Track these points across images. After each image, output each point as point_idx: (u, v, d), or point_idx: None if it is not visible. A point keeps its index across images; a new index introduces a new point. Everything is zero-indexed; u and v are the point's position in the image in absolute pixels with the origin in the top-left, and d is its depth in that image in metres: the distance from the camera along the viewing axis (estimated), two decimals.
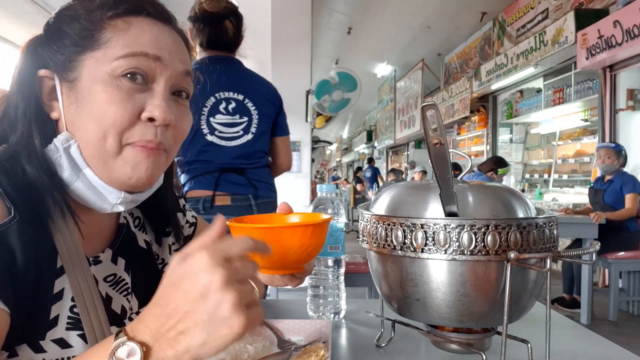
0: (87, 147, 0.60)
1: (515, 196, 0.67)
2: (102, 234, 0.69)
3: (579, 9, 5.27)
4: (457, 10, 7.62)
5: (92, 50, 0.60)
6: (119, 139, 0.59)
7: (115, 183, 0.62)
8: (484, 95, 8.16)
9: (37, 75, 0.61)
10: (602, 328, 3.68)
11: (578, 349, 0.80)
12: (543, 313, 0.65)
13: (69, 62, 0.60)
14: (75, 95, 0.60)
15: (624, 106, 4.98)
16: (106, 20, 0.60)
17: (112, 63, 0.59)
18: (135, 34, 0.60)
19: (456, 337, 0.70)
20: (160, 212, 0.77)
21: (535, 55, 5.94)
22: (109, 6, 0.61)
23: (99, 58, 0.59)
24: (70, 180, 0.61)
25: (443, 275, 0.62)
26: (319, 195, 0.94)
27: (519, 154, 7.82)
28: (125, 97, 0.59)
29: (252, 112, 1.79)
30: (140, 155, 0.60)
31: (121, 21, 0.61)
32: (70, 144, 0.60)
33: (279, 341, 0.76)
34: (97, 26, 0.60)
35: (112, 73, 0.59)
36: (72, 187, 0.61)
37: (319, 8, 6.91)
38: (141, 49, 0.60)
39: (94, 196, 0.62)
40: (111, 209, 0.64)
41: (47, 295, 0.57)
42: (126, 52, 0.59)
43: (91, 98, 0.59)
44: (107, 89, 0.59)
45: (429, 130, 0.58)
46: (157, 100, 0.60)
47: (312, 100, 4.60)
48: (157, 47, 0.61)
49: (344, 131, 22.50)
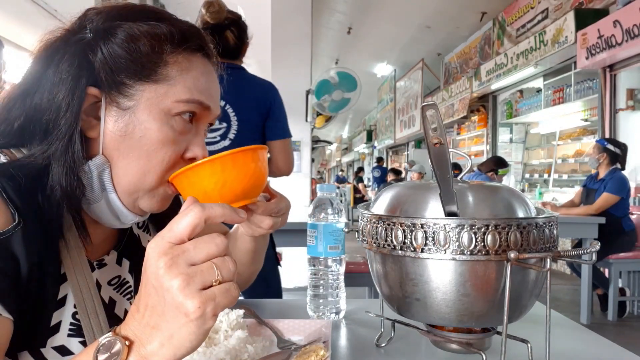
0: (124, 175, 0.59)
1: (515, 196, 0.67)
2: (105, 238, 0.69)
3: (579, 9, 5.27)
4: (457, 10, 7.62)
5: (155, 83, 0.58)
6: (161, 177, 0.60)
7: (135, 209, 0.62)
8: (484, 95, 8.17)
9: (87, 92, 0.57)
10: (602, 328, 3.68)
11: (578, 349, 0.80)
12: (543, 313, 0.65)
13: (125, 88, 0.58)
14: (124, 124, 0.58)
15: (624, 106, 4.98)
16: (171, 55, 0.60)
17: (171, 103, 0.59)
18: (195, 75, 0.61)
19: (456, 337, 0.70)
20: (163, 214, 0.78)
21: (535, 55, 5.94)
22: (176, 41, 0.60)
23: (161, 94, 0.58)
24: (93, 200, 0.60)
25: (443, 275, 0.62)
26: (319, 195, 0.94)
27: (519, 154, 7.82)
28: (177, 138, 0.60)
29: (231, 118, 1.80)
30: (170, 192, 0.63)
31: (184, 58, 0.61)
32: (104, 169, 0.59)
33: (279, 341, 0.77)
34: (162, 59, 0.59)
35: (169, 112, 0.59)
36: (92, 206, 0.61)
37: (319, 8, 6.91)
38: (199, 98, 0.60)
39: (110, 216, 0.62)
40: (120, 226, 0.65)
41: (50, 302, 0.57)
42: (187, 97, 0.59)
43: (146, 133, 0.58)
44: (162, 127, 0.58)
45: (429, 130, 0.58)
46: (199, 142, 0.63)
47: (312, 100, 4.60)
48: (210, 95, 0.63)
49: (344, 131, 22.51)
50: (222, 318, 0.74)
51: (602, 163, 3.91)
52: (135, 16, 0.60)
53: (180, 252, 0.43)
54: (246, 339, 0.71)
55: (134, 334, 0.45)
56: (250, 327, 0.78)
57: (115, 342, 0.44)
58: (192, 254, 0.44)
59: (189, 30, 0.62)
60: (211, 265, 0.44)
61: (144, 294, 0.45)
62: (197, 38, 0.63)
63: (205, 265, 0.44)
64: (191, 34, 0.62)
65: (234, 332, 0.72)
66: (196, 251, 0.44)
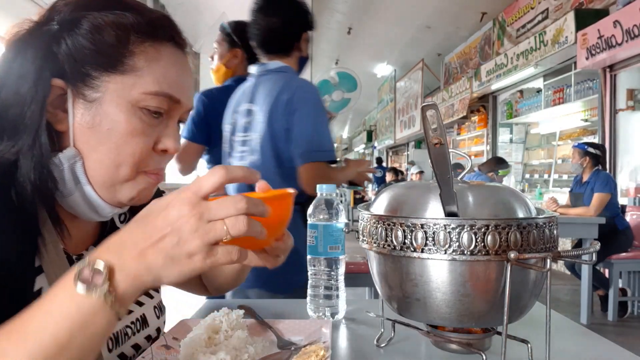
0: (97, 168, 0.59)
1: (515, 196, 0.67)
2: (86, 233, 0.69)
3: (579, 9, 5.27)
4: (457, 10, 7.61)
5: (121, 74, 0.58)
6: (134, 169, 0.60)
7: (113, 201, 0.62)
8: (484, 95, 8.16)
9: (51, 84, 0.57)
10: (602, 328, 3.68)
11: (578, 349, 0.80)
12: (543, 313, 0.65)
13: (90, 79, 0.57)
14: (91, 116, 0.58)
15: (624, 106, 4.98)
16: (138, 45, 0.59)
17: (139, 95, 0.58)
18: (165, 66, 0.60)
19: (456, 337, 0.70)
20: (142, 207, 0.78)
21: (535, 55, 5.94)
22: (143, 31, 0.59)
23: (127, 85, 0.58)
24: (67, 193, 0.60)
25: (443, 275, 0.62)
26: (319, 195, 0.94)
27: (519, 154, 7.82)
28: (146, 130, 0.60)
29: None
30: (149, 181, 0.63)
31: (152, 48, 0.60)
32: (76, 161, 0.59)
33: (279, 341, 0.76)
34: (128, 49, 0.58)
35: (136, 104, 0.58)
36: (66, 199, 0.61)
37: (319, 8, 6.91)
38: (168, 91, 0.60)
39: (87, 209, 0.62)
40: (99, 218, 0.65)
41: (26, 294, 0.56)
42: (156, 89, 0.59)
43: (113, 125, 0.58)
44: (130, 119, 0.58)
45: (429, 130, 0.58)
46: (171, 134, 0.63)
47: None
48: (180, 88, 0.62)
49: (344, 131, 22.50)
50: (222, 318, 0.74)
51: (586, 167, 4.00)
52: (101, 6, 0.59)
53: (206, 209, 0.48)
54: (246, 339, 0.71)
55: (116, 255, 0.48)
56: (250, 327, 0.78)
57: (99, 266, 0.46)
58: (213, 213, 0.48)
59: (157, 19, 0.61)
60: (223, 225, 0.48)
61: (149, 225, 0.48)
62: (166, 28, 0.62)
63: (218, 223, 0.48)
64: (160, 23, 0.61)
65: (234, 332, 0.72)
66: (217, 210, 0.48)
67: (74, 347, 0.46)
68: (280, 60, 1.59)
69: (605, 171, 4.03)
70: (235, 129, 1.64)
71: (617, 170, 5.08)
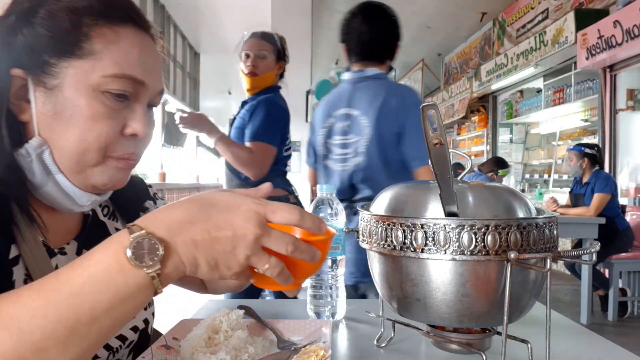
0: (64, 156, 0.58)
1: (515, 196, 0.67)
2: (67, 226, 0.68)
3: (579, 9, 5.27)
4: (457, 10, 7.61)
5: (79, 59, 0.57)
6: (101, 153, 0.59)
7: (88, 188, 0.61)
8: (484, 95, 8.16)
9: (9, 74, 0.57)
10: (602, 328, 3.68)
11: (578, 349, 0.80)
12: (543, 313, 0.65)
13: (48, 67, 0.57)
14: (53, 104, 0.57)
15: (624, 106, 4.98)
16: (93, 27, 0.57)
17: (99, 78, 0.57)
18: (124, 48, 0.59)
19: (456, 337, 0.70)
20: (126, 199, 0.77)
21: (535, 56, 5.94)
22: (98, 13, 0.58)
23: (86, 69, 0.57)
24: (40, 184, 0.59)
25: (443, 275, 0.62)
26: (319, 195, 0.94)
27: (519, 154, 7.82)
28: (110, 114, 0.58)
29: None
30: (119, 166, 0.62)
31: (109, 30, 0.58)
32: (43, 150, 0.58)
33: (279, 341, 0.76)
34: (84, 33, 0.57)
35: (98, 87, 0.57)
36: (40, 190, 0.60)
37: (319, 8, 6.90)
38: (130, 72, 0.59)
39: (63, 199, 0.61)
40: (78, 209, 0.64)
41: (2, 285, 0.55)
42: (115, 71, 0.58)
43: (75, 111, 0.57)
44: (92, 103, 0.57)
45: (429, 130, 0.58)
46: (139, 117, 0.61)
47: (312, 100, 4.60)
48: (144, 69, 0.61)
49: None
50: (222, 318, 0.74)
51: (585, 168, 4.00)
52: None
53: (266, 234, 0.48)
54: (246, 339, 0.71)
55: (171, 234, 0.46)
56: (250, 327, 0.78)
57: (156, 247, 0.45)
58: (268, 241, 0.48)
59: (112, 1, 0.60)
60: (268, 260, 0.49)
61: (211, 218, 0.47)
62: (123, 9, 0.61)
63: (265, 256, 0.48)
64: (115, 4, 0.60)
65: (234, 332, 0.72)
66: (273, 241, 0.48)
67: (106, 320, 0.44)
68: (376, 68, 1.69)
69: (605, 171, 4.04)
70: (332, 132, 1.73)
71: (617, 170, 5.08)
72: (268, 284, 0.54)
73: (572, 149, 4.16)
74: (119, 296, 0.44)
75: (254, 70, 2.04)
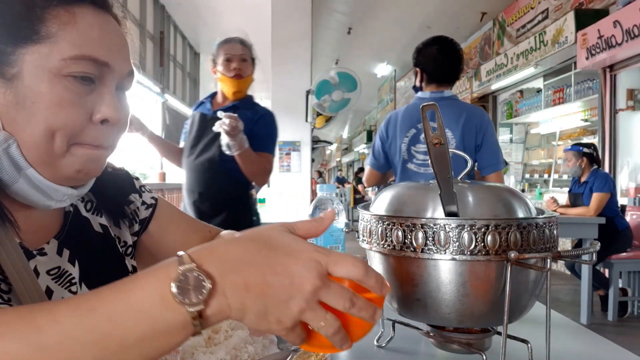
0: (31, 147, 0.56)
1: (515, 196, 0.67)
2: (46, 225, 0.65)
3: (579, 9, 5.27)
4: (457, 10, 7.61)
5: (35, 43, 0.54)
6: (68, 140, 0.56)
7: (61, 179, 0.59)
8: (484, 95, 8.16)
9: None
10: (602, 328, 3.68)
11: (578, 349, 0.80)
12: (543, 313, 0.65)
13: (5, 56, 0.54)
14: (13, 94, 0.54)
15: (624, 106, 4.98)
16: (47, 10, 0.55)
17: (59, 62, 0.54)
18: (82, 28, 0.56)
19: (456, 337, 0.70)
20: (107, 192, 0.74)
21: (535, 55, 5.94)
22: None
23: (44, 54, 0.54)
24: (10, 181, 0.56)
25: (443, 275, 0.62)
26: (319, 195, 0.94)
27: (519, 154, 7.81)
28: (75, 99, 0.56)
29: None
30: (89, 153, 0.58)
31: (64, 11, 0.56)
32: (9, 144, 0.55)
33: (279, 341, 0.76)
34: (38, 16, 0.54)
35: (58, 72, 0.55)
36: (12, 188, 0.57)
37: (319, 8, 6.90)
38: (90, 53, 0.56)
39: (38, 194, 0.58)
40: (56, 205, 0.61)
41: None
42: (75, 53, 0.55)
43: (37, 99, 0.54)
44: (54, 89, 0.55)
45: (429, 130, 0.58)
46: (107, 101, 0.58)
47: (312, 100, 4.60)
48: (106, 49, 0.58)
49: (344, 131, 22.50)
50: None
51: (584, 167, 4.01)
52: None
53: (325, 287, 0.44)
54: (246, 339, 0.71)
55: (220, 272, 0.42)
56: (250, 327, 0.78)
57: (202, 282, 0.41)
58: (326, 296, 0.44)
59: None
60: (324, 317, 0.44)
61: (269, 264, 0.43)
62: None
63: (322, 313, 0.44)
64: None
65: (234, 332, 0.72)
66: (331, 297, 0.44)
67: (134, 352, 0.41)
68: (449, 90, 2.13)
69: (603, 170, 4.05)
70: (416, 140, 2.08)
71: (617, 170, 5.08)
72: (320, 346, 0.48)
73: (570, 149, 4.17)
74: (155, 329, 0.41)
75: (239, 72, 2.08)
